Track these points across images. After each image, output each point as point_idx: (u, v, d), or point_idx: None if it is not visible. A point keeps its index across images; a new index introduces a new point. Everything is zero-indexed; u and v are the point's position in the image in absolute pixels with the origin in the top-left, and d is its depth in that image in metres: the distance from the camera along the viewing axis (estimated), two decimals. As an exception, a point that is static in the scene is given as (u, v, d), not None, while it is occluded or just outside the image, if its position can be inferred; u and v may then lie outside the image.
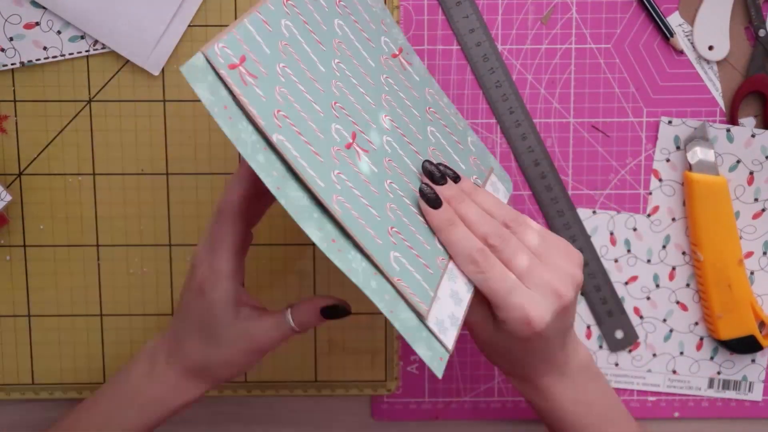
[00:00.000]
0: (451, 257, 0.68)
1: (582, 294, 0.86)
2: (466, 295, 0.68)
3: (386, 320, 0.85)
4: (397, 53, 0.75)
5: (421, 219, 0.68)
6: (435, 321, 0.66)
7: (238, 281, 0.71)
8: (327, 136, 0.64)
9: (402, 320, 0.64)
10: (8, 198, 0.80)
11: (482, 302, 0.69)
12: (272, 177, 0.61)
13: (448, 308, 0.67)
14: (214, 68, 0.58)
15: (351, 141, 0.66)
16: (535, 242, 0.69)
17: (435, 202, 0.68)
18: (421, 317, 0.65)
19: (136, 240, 0.85)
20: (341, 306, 0.71)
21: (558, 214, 0.85)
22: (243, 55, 0.60)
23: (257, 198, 0.70)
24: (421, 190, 0.68)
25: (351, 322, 0.86)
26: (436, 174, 0.69)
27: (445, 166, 0.70)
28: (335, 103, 0.66)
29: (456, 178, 0.70)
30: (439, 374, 0.66)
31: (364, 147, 0.67)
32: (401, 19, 0.82)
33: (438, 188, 0.68)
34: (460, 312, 0.68)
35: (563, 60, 0.84)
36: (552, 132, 0.84)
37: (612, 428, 0.74)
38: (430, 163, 0.69)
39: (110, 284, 0.85)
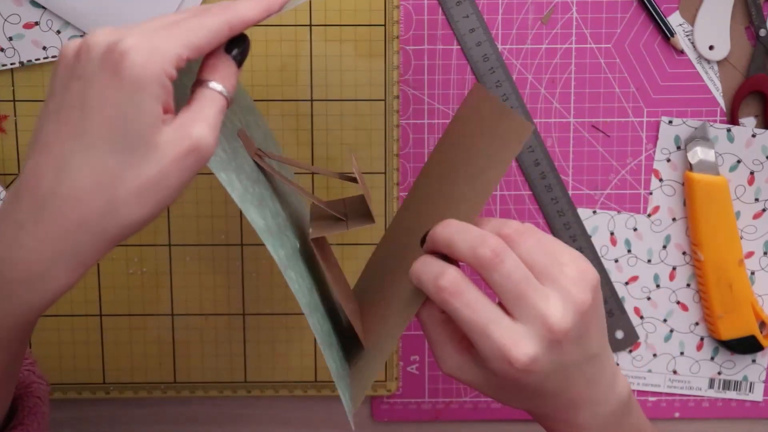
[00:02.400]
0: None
1: (582, 294, 0.86)
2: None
3: (386, 320, 0.85)
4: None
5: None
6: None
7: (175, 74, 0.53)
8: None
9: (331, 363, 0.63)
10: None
11: (456, 341, 0.62)
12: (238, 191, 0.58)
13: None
14: None
15: None
16: (534, 257, 0.59)
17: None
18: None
19: (135, 240, 0.85)
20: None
21: (558, 215, 0.85)
22: None
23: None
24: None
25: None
26: None
27: None
28: None
29: None
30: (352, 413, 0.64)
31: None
32: (401, 18, 0.82)
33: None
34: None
35: (563, 60, 0.84)
36: (552, 132, 0.84)
37: None
38: None
39: (110, 284, 0.85)
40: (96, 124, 0.50)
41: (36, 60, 0.81)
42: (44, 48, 0.81)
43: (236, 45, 0.56)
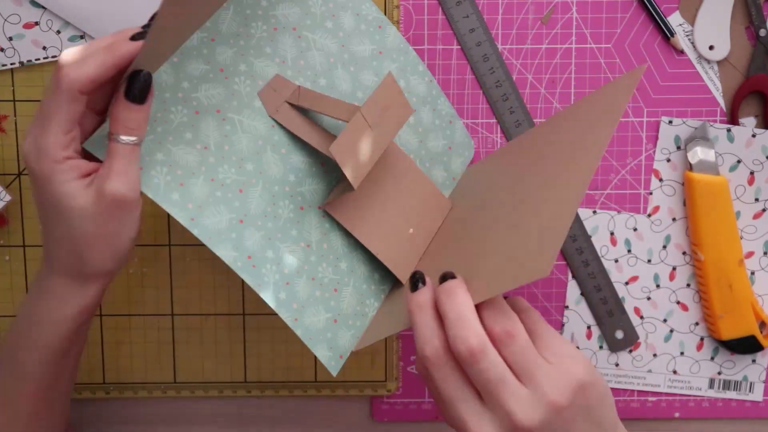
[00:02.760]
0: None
1: (582, 294, 0.86)
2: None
3: (386, 320, 0.86)
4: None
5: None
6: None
7: (72, 154, 0.63)
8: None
9: (306, 326, 0.69)
10: (8, 198, 0.80)
11: None
12: (186, 210, 0.66)
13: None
14: None
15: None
16: (517, 358, 0.62)
17: (416, 284, 0.65)
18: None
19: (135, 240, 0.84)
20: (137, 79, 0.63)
21: (558, 215, 0.85)
22: None
23: (106, 86, 0.64)
24: (412, 275, 0.66)
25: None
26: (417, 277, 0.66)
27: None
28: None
29: (445, 277, 0.65)
30: (335, 372, 0.69)
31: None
32: (401, 18, 0.82)
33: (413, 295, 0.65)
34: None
35: (563, 60, 0.84)
36: (552, 132, 0.84)
37: None
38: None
39: (110, 284, 0.85)
40: (44, 213, 0.65)
41: (36, 60, 0.81)
42: (44, 48, 0.81)
43: (131, 84, 0.62)
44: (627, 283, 0.86)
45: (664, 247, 0.86)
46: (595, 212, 0.85)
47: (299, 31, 0.75)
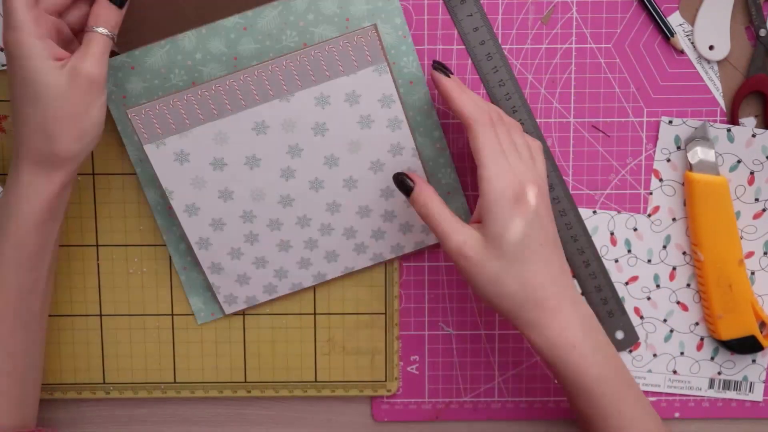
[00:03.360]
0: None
1: (582, 294, 0.86)
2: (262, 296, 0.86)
3: (386, 321, 0.85)
4: None
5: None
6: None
7: (43, 33, 0.71)
8: None
9: (192, 277, 0.84)
10: None
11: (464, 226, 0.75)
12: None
13: (247, 292, 0.85)
14: None
15: None
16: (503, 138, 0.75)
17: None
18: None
19: (136, 240, 0.85)
20: None
21: (560, 214, 0.85)
22: None
23: None
24: (433, 65, 0.77)
25: (351, 323, 0.86)
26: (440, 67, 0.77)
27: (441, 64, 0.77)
28: None
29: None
30: (200, 321, 0.86)
31: None
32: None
33: (445, 80, 0.76)
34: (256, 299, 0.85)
35: (564, 60, 0.84)
36: (552, 132, 0.84)
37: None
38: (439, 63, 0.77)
39: (110, 284, 0.85)
40: (17, 93, 0.71)
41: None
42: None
43: None
44: (627, 283, 0.86)
45: (664, 247, 0.86)
46: (595, 212, 0.85)
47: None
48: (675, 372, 0.87)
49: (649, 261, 0.86)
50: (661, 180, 0.85)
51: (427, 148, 0.82)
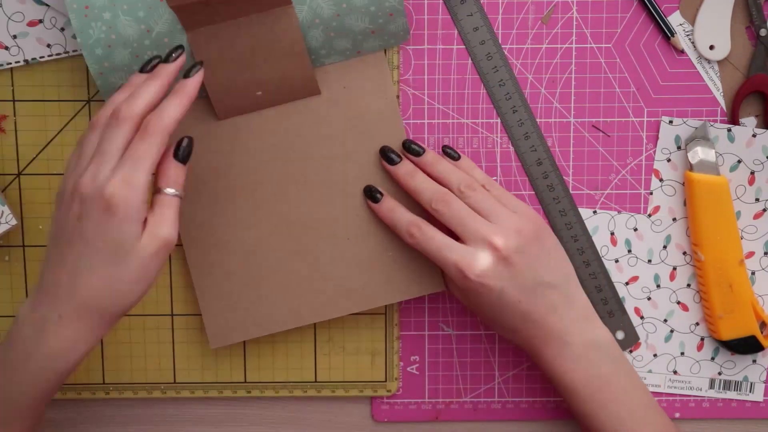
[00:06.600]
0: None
1: (583, 294, 0.86)
2: None
3: (386, 321, 0.85)
4: None
5: None
6: None
7: (146, 198, 0.70)
8: None
9: (107, 80, 0.79)
10: (13, 222, 0.80)
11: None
12: None
13: None
14: None
15: None
16: (481, 204, 0.78)
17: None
18: None
19: (135, 240, 0.84)
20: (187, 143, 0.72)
21: (560, 214, 0.84)
22: None
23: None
24: (383, 153, 0.81)
25: (351, 323, 0.86)
26: (391, 154, 0.81)
27: (412, 143, 0.81)
28: None
29: (419, 152, 0.81)
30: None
31: None
32: (402, 18, 0.82)
33: (392, 168, 0.81)
34: None
35: (564, 59, 0.83)
36: (552, 132, 0.84)
37: (641, 408, 0.79)
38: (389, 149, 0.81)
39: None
40: (96, 249, 0.69)
41: (41, 58, 0.81)
42: (48, 46, 0.81)
43: (179, 147, 0.72)
44: (627, 284, 0.86)
45: (665, 247, 0.86)
46: (595, 212, 0.85)
47: None
48: (675, 372, 0.87)
49: (650, 261, 0.86)
50: (661, 180, 0.85)
51: None
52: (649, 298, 0.86)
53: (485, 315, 0.79)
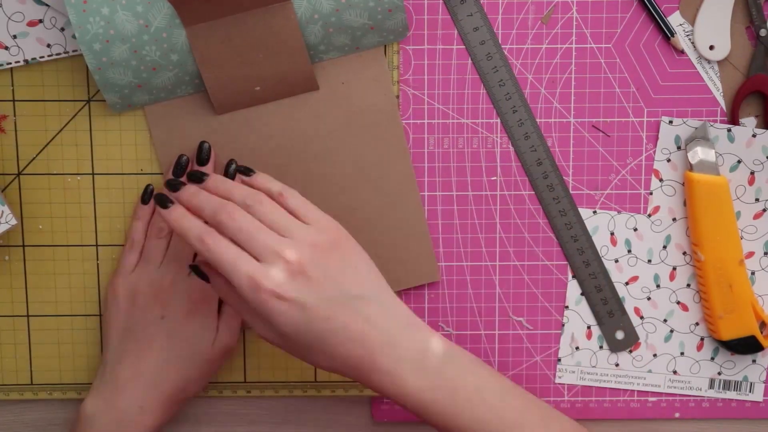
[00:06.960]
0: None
1: (582, 294, 0.86)
2: None
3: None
4: None
5: None
6: None
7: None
8: None
9: (107, 78, 0.79)
10: (13, 222, 0.80)
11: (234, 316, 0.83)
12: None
13: None
14: None
15: None
16: (270, 217, 0.71)
17: (164, 203, 0.73)
18: None
19: (135, 240, 0.84)
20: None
21: (560, 214, 0.84)
22: None
23: None
24: (155, 197, 0.73)
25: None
26: (173, 184, 0.74)
27: (196, 171, 0.75)
28: None
29: (201, 179, 0.74)
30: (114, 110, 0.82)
31: None
32: (402, 18, 0.82)
33: (174, 194, 0.73)
34: None
35: (564, 60, 0.84)
36: (552, 132, 0.84)
37: (496, 398, 0.73)
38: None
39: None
40: (178, 347, 0.80)
41: (41, 58, 0.81)
42: (48, 45, 0.81)
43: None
44: (627, 284, 0.86)
45: (665, 247, 0.86)
46: (595, 212, 0.85)
47: None
48: (675, 372, 0.87)
49: (650, 261, 0.86)
50: (661, 180, 0.85)
51: None
52: (648, 298, 0.86)
53: (298, 343, 0.71)
